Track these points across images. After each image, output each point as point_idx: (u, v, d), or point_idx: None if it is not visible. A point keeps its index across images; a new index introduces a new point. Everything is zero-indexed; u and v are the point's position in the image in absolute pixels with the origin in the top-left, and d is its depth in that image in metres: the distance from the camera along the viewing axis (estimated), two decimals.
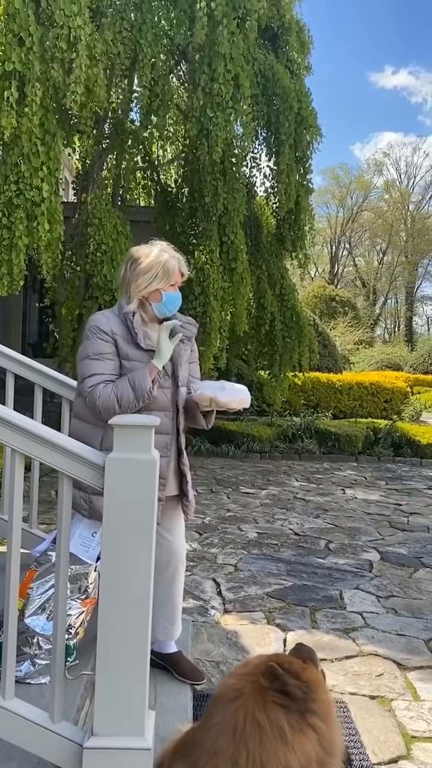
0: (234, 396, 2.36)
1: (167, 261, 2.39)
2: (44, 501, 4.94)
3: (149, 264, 2.38)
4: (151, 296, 2.41)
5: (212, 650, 3.18)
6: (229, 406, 2.36)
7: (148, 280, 2.38)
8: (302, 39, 9.06)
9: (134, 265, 2.40)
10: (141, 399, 2.25)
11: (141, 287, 2.38)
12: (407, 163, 46.66)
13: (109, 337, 2.35)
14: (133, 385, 2.25)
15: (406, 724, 2.60)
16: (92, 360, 2.34)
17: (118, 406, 2.25)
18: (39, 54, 5.84)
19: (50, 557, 2.31)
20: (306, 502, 6.87)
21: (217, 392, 2.35)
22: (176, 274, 2.42)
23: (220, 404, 2.35)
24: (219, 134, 7.29)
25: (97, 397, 2.27)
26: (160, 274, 2.38)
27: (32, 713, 1.74)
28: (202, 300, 7.75)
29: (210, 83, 7.26)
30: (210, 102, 7.28)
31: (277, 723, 1.64)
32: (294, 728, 1.64)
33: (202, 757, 1.62)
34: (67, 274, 7.86)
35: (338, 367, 16.91)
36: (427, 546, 5.29)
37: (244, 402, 2.38)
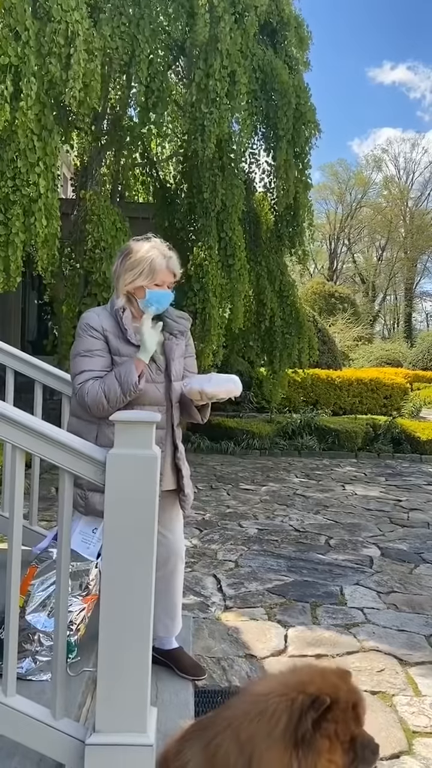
0: (219, 386, 2.36)
1: (154, 259, 2.38)
2: (44, 498, 4.93)
3: (137, 260, 2.38)
4: (136, 292, 2.41)
5: (213, 646, 3.18)
6: (217, 396, 2.36)
7: (134, 276, 2.38)
8: (301, 34, 9.03)
9: (125, 260, 2.41)
10: (128, 393, 2.25)
11: (126, 282, 2.40)
12: (406, 159, 46.56)
13: (99, 334, 2.35)
14: (119, 380, 2.25)
15: (408, 720, 2.61)
16: (82, 357, 2.34)
17: (106, 402, 2.24)
18: (35, 48, 5.81)
19: (51, 554, 2.31)
20: (306, 499, 6.87)
21: (204, 384, 2.35)
22: (163, 273, 2.40)
23: (208, 395, 2.34)
24: (212, 130, 7.26)
25: (86, 393, 2.27)
26: (145, 271, 2.37)
27: (34, 710, 1.74)
28: (201, 296, 7.74)
29: (205, 79, 7.24)
30: (204, 98, 7.26)
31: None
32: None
33: (216, 731, 1.54)
34: (66, 271, 7.85)
35: (338, 364, 16.90)
36: (428, 542, 5.29)
37: (231, 391, 2.37)
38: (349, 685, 1.46)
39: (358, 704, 1.43)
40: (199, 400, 2.39)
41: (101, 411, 2.26)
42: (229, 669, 2.95)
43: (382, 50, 69.38)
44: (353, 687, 1.47)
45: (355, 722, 1.41)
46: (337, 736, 1.38)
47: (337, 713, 1.39)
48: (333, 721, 1.38)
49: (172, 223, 8.86)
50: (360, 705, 1.44)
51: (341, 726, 1.38)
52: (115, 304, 2.41)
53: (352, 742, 1.39)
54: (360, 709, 1.44)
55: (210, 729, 1.60)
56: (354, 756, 1.39)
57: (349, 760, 1.38)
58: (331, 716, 1.38)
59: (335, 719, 1.38)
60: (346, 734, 1.38)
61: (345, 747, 1.39)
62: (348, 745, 1.39)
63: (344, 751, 1.38)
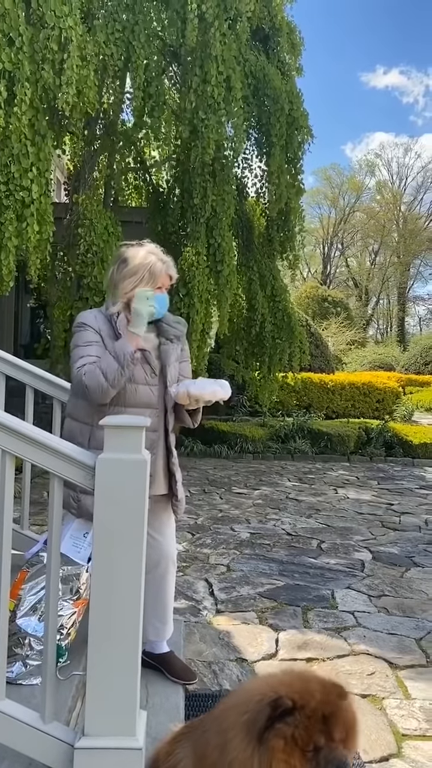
0: (204, 388, 2.37)
1: (154, 264, 2.41)
2: (36, 502, 4.93)
3: (136, 266, 2.40)
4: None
5: (204, 650, 3.19)
6: (203, 398, 2.37)
7: (134, 282, 2.40)
8: (293, 40, 9.08)
9: (122, 267, 2.42)
10: (125, 365, 2.26)
11: (127, 289, 2.40)
12: (399, 163, 46.82)
13: (95, 331, 2.39)
14: (114, 355, 2.27)
15: (397, 723, 2.62)
16: (80, 347, 2.37)
17: (104, 380, 2.25)
18: (29, 54, 5.83)
19: (42, 558, 2.31)
20: (298, 502, 6.89)
21: (189, 386, 2.37)
22: (163, 277, 2.44)
23: (193, 396, 2.35)
24: (211, 136, 7.30)
25: (84, 374, 2.28)
26: (146, 277, 2.39)
27: (23, 714, 1.74)
28: (186, 301, 7.76)
29: (202, 85, 7.27)
30: (202, 104, 7.29)
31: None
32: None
33: (205, 728, 1.58)
34: (58, 275, 7.85)
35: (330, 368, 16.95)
36: (419, 545, 5.31)
37: (216, 393, 2.38)
38: (329, 697, 1.43)
39: (332, 718, 1.41)
40: (187, 404, 2.41)
41: (101, 391, 2.26)
42: (220, 673, 2.95)
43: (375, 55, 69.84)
44: (335, 701, 1.44)
45: (322, 734, 1.39)
46: (294, 741, 1.37)
47: (300, 719, 1.39)
48: (292, 725, 1.38)
49: (165, 228, 8.87)
50: (334, 719, 1.41)
51: (301, 732, 1.38)
52: (110, 310, 2.43)
53: (316, 752, 1.38)
54: (334, 723, 1.41)
55: (200, 728, 1.62)
56: (316, 766, 1.37)
57: None
58: (292, 720, 1.38)
59: (295, 724, 1.38)
60: (307, 742, 1.38)
61: (307, 755, 1.38)
62: (312, 755, 1.37)
63: (306, 758, 1.37)
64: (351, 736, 1.45)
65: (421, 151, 63.09)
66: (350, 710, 1.46)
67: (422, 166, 45.91)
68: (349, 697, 1.48)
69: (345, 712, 1.44)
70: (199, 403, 2.40)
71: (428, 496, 7.51)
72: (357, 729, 1.47)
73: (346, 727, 1.43)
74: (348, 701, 1.47)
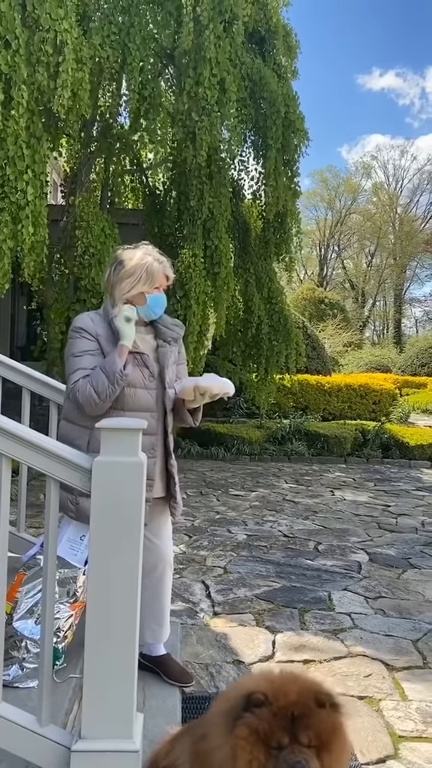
0: (214, 381, 2.38)
1: (151, 264, 2.41)
2: (33, 505, 4.92)
3: (133, 267, 2.40)
4: (135, 299, 2.43)
5: (201, 652, 3.19)
6: (212, 391, 2.37)
7: (132, 283, 2.40)
8: (289, 43, 9.09)
9: (118, 269, 2.43)
10: (115, 382, 2.25)
11: (125, 290, 2.41)
12: (395, 165, 46.94)
13: (92, 337, 2.38)
14: (104, 370, 2.27)
15: (394, 724, 2.62)
16: (76, 357, 2.36)
17: (96, 396, 2.25)
18: (25, 57, 5.83)
19: (39, 561, 2.31)
20: (295, 504, 6.89)
21: (198, 380, 2.38)
22: (160, 277, 2.44)
23: (201, 389, 2.36)
24: (204, 138, 7.31)
25: (77, 391, 2.29)
26: (143, 278, 2.40)
27: (20, 717, 1.74)
28: (183, 303, 7.77)
29: (195, 87, 7.28)
30: (195, 106, 7.30)
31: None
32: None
33: (203, 724, 1.60)
34: (55, 277, 7.85)
35: (327, 369, 16.97)
36: (416, 547, 5.32)
37: (225, 387, 2.39)
38: (304, 700, 1.41)
39: (301, 720, 1.39)
40: (192, 400, 2.41)
41: (94, 406, 2.27)
42: (217, 675, 2.95)
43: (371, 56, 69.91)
44: (309, 705, 1.41)
45: (287, 733, 1.38)
46: (257, 733, 1.38)
47: (267, 714, 1.39)
48: (258, 717, 1.39)
49: (161, 230, 8.89)
50: (303, 722, 1.39)
51: (265, 726, 1.38)
52: (110, 312, 2.42)
53: (280, 751, 1.37)
54: (303, 726, 1.39)
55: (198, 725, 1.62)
56: (276, 764, 1.37)
57: (273, 766, 1.36)
58: (259, 713, 1.39)
59: (261, 717, 1.39)
60: (271, 738, 1.38)
61: (271, 752, 1.37)
62: (276, 752, 1.37)
63: (270, 755, 1.37)
64: (328, 746, 1.40)
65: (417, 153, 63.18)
66: (328, 719, 1.42)
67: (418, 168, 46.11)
68: (332, 707, 1.44)
69: (319, 719, 1.41)
70: (204, 398, 2.40)
71: (425, 498, 7.52)
72: (338, 741, 1.42)
73: (318, 735, 1.40)
74: (328, 710, 1.42)
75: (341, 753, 1.44)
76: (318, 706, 1.42)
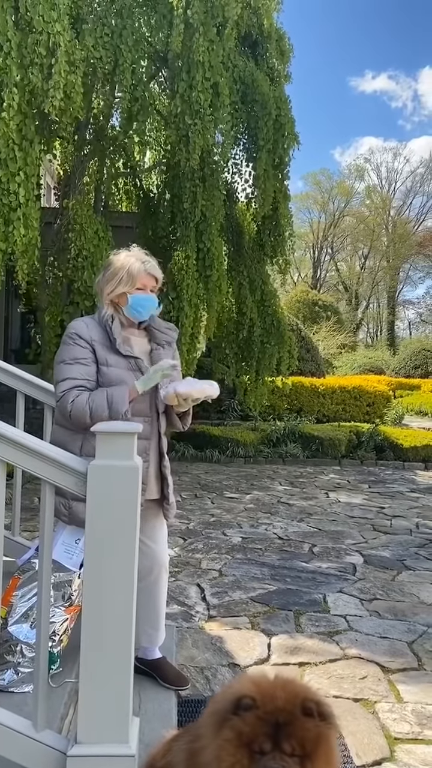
0: (192, 387, 2.37)
1: (131, 265, 2.44)
2: (27, 508, 4.90)
3: (115, 269, 2.45)
4: (119, 300, 2.46)
5: (197, 656, 3.18)
6: (192, 396, 2.37)
7: (114, 284, 2.44)
8: (282, 47, 9.12)
9: (105, 272, 2.49)
10: (114, 418, 2.26)
11: (108, 292, 2.45)
12: (388, 168, 47.10)
13: (86, 343, 2.37)
14: (110, 403, 2.26)
15: (390, 726, 2.62)
16: (66, 365, 2.35)
17: (89, 418, 2.25)
18: (17, 59, 5.83)
19: (34, 565, 2.30)
20: (290, 506, 6.89)
21: (177, 387, 2.38)
22: (143, 277, 2.45)
23: (182, 396, 2.36)
24: (197, 141, 7.31)
25: (69, 402, 2.28)
26: (124, 278, 2.43)
27: (15, 722, 1.73)
28: (176, 305, 7.78)
29: (188, 90, 7.30)
30: (188, 109, 7.31)
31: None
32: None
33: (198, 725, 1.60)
34: (49, 279, 7.84)
35: (321, 372, 17.00)
36: (410, 548, 5.33)
37: (204, 391, 2.39)
38: (290, 708, 1.40)
39: (286, 728, 1.38)
40: (176, 404, 2.41)
41: (80, 423, 2.28)
42: (212, 678, 2.95)
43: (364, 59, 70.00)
44: (295, 713, 1.40)
45: (269, 739, 1.37)
46: (241, 737, 1.37)
47: (251, 718, 1.38)
48: (244, 721, 1.38)
49: (155, 232, 8.89)
50: (287, 730, 1.37)
51: (250, 730, 1.37)
52: (104, 315, 2.44)
53: (262, 755, 1.36)
54: (287, 734, 1.37)
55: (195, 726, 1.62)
56: None
57: None
58: (245, 716, 1.38)
59: (246, 721, 1.38)
60: (254, 743, 1.37)
61: (254, 756, 1.36)
62: (259, 757, 1.36)
63: (253, 759, 1.36)
64: (312, 756, 1.38)
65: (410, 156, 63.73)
66: (313, 729, 1.39)
67: (411, 170, 46.27)
68: (321, 717, 1.41)
69: (303, 728, 1.38)
70: (188, 402, 2.40)
71: (419, 500, 7.54)
72: (323, 751, 1.40)
73: (302, 744, 1.37)
74: (314, 720, 1.40)
75: (326, 764, 1.41)
76: (304, 714, 1.40)
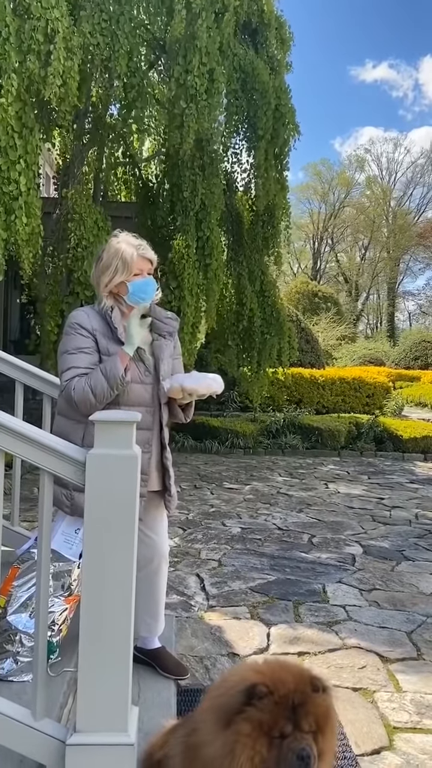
0: (199, 382, 2.37)
1: (123, 251, 2.40)
2: (27, 498, 4.90)
3: (108, 259, 2.41)
4: (119, 290, 2.42)
5: (196, 645, 3.19)
6: (197, 392, 2.37)
7: (110, 275, 2.40)
8: (282, 35, 9.03)
9: (98, 264, 2.44)
10: (114, 386, 2.24)
11: (105, 283, 2.41)
12: (389, 159, 46.89)
13: (88, 333, 2.35)
14: (105, 374, 2.24)
15: (389, 716, 2.63)
16: (70, 354, 2.33)
17: (93, 397, 2.24)
18: (16, 46, 5.78)
19: (33, 554, 2.30)
20: (289, 497, 6.90)
21: (184, 381, 2.37)
22: (137, 262, 2.41)
23: (187, 391, 2.36)
24: (191, 125, 7.24)
25: (72, 389, 2.26)
26: (120, 267, 2.39)
27: (14, 711, 1.73)
28: (177, 294, 7.75)
29: (184, 75, 7.23)
30: (183, 93, 7.25)
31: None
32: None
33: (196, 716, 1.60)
34: (48, 270, 7.80)
35: (321, 363, 16.97)
36: (409, 539, 5.34)
37: (211, 387, 2.39)
38: (301, 687, 1.43)
39: (302, 708, 1.41)
40: (180, 398, 2.40)
41: (88, 407, 2.24)
42: (212, 668, 2.95)
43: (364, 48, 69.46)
44: (307, 691, 1.43)
45: (290, 722, 1.39)
46: (260, 726, 1.38)
47: (269, 705, 1.39)
48: (261, 710, 1.39)
49: (154, 222, 8.84)
50: (304, 709, 1.41)
51: (269, 717, 1.38)
52: (103, 305, 2.41)
53: (282, 740, 1.39)
54: (303, 713, 1.41)
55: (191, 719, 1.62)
56: (279, 753, 1.38)
57: (276, 755, 1.38)
58: (261, 705, 1.39)
59: (264, 709, 1.39)
60: (274, 729, 1.38)
61: (273, 741, 1.38)
62: (278, 742, 1.38)
63: (272, 745, 1.38)
64: (323, 729, 1.44)
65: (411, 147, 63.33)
66: (323, 703, 1.45)
67: (412, 161, 46.14)
68: (324, 691, 1.47)
69: (316, 705, 1.43)
70: (192, 397, 2.39)
71: (418, 491, 7.55)
72: (331, 723, 1.46)
73: (317, 720, 1.43)
74: (322, 695, 1.45)
75: (333, 735, 1.47)
76: (314, 691, 1.44)
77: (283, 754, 1.37)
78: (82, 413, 2.28)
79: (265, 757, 1.38)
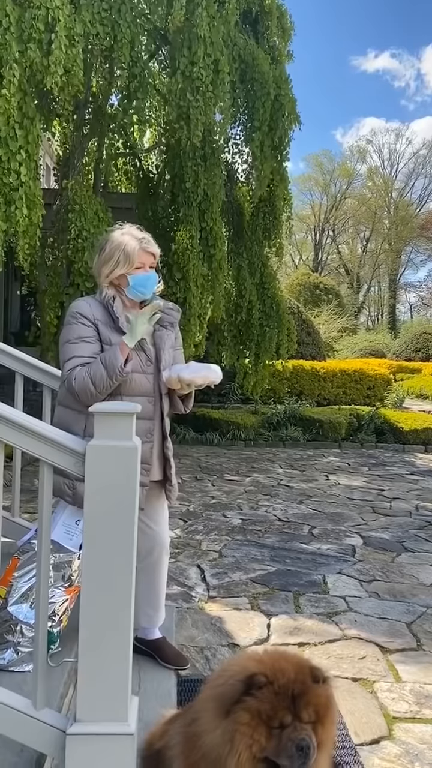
0: (196, 372, 2.37)
1: (126, 244, 2.38)
2: (27, 490, 4.90)
3: (110, 251, 2.39)
4: (120, 282, 2.42)
5: (196, 636, 3.20)
6: (195, 383, 2.37)
7: (111, 267, 2.39)
8: (284, 25, 8.95)
9: (100, 255, 2.43)
10: (114, 377, 2.24)
11: (105, 274, 2.40)
12: (390, 150, 46.67)
13: (90, 322, 2.35)
14: (105, 364, 2.24)
15: (388, 706, 2.64)
16: (72, 344, 2.33)
17: (93, 386, 2.24)
18: (16, 35, 5.73)
19: (34, 545, 2.30)
20: (290, 489, 6.91)
21: (181, 371, 2.37)
22: (140, 255, 2.40)
23: (185, 381, 2.35)
24: (198, 118, 7.20)
25: (73, 379, 2.26)
26: (121, 259, 2.38)
27: (15, 700, 1.74)
28: (182, 285, 7.73)
29: (189, 66, 7.17)
30: (189, 86, 7.19)
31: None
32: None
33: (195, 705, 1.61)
34: (48, 261, 7.78)
35: (322, 355, 16.95)
36: (409, 530, 5.34)
37: (208, 377, 2.38)
38: (301, 677, 1.44)
39: (301, 698, 1.42)
40: (178, 388, 2.40)
41: (89, 397, 2.24)
42: (212, 658, 2.97)
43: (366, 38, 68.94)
44: (307, 682, 1.44)
45: (289, 712, 1.40)
46: (259, 715, 1.39)
47: (268, 695, 1.40)
48: (260, 699, 1.39)
49: (155, 213, 8.81)
50: (303, 699, 1.42)
51: (268, 707, 1.39)
52: (105, 295, 2.41)
53: (281, 730, 1.39)
54: (303, 704, 1.41)
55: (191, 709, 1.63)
56: (278, 743, 1.39)
57: (275, 745, 1.39)
58: (260, 694, 1.40)
59: (263, 699, 1.39)
60: (273, 719, 1.39)
61: (272, 731, 1.39)
62: (277, 731, 1.39)
63: (271, 734, 1.39)
64: (323, 720, 1.44)
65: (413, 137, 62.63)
66: (323, 694, 1.45)
67: (413, 152, 45.92)
68: (324, 682, 1.47)
69: (316, 695, 1.44)
70: (190, 387, 2.39)
71: (419, 482, 7.55)
72: (331, 714, 1.47)
73: (316, 710, 1.43)
74: (322, 685, 1.46)
75: (333, 726, 1.48)
76: (314, 681, 1.45)
77: (283, 745, 1.38)
78: (83, 403, 2.27)
79: (264, 747, 1.39)
